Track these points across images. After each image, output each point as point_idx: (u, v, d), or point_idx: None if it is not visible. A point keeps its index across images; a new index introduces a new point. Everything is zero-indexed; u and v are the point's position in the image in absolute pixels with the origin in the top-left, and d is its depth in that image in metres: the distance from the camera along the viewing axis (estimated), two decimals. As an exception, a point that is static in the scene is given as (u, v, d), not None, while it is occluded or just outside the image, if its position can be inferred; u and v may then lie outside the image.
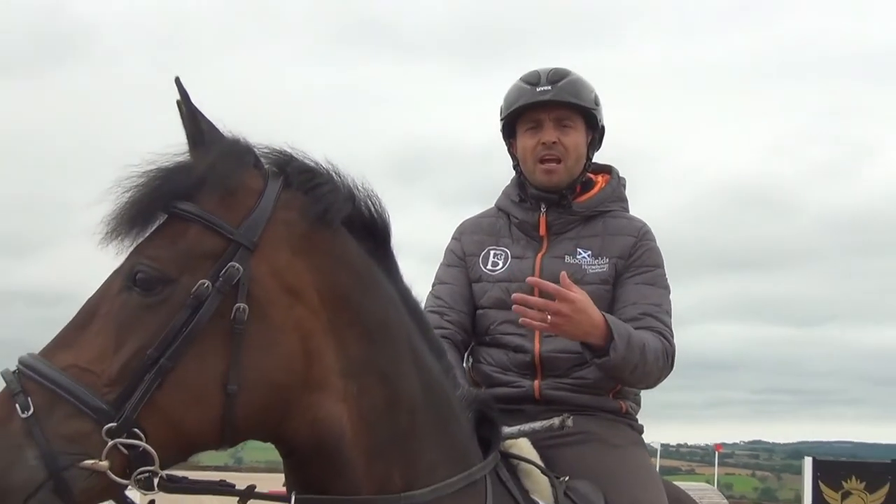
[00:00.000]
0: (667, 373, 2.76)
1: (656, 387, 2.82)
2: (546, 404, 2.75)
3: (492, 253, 2.96)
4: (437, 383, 2.18)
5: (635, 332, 2.60)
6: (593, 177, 3.06)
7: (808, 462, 10.23)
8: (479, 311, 2.94)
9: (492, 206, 3.12)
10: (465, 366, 2.88)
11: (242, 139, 1.98)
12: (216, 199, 1.88)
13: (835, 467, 10.36)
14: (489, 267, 2.94)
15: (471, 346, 2.98)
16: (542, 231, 2.94)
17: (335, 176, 2.06)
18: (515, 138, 3.01)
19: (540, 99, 2.89)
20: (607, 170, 3.10)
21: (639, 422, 2.95)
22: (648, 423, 3.02)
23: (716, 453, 30.52)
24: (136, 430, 1.72)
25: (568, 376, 2.80)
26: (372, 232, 2.13)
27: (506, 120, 3.01)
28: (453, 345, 2.71)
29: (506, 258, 2.93)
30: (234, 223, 1.87)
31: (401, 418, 2.05)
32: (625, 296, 2.82)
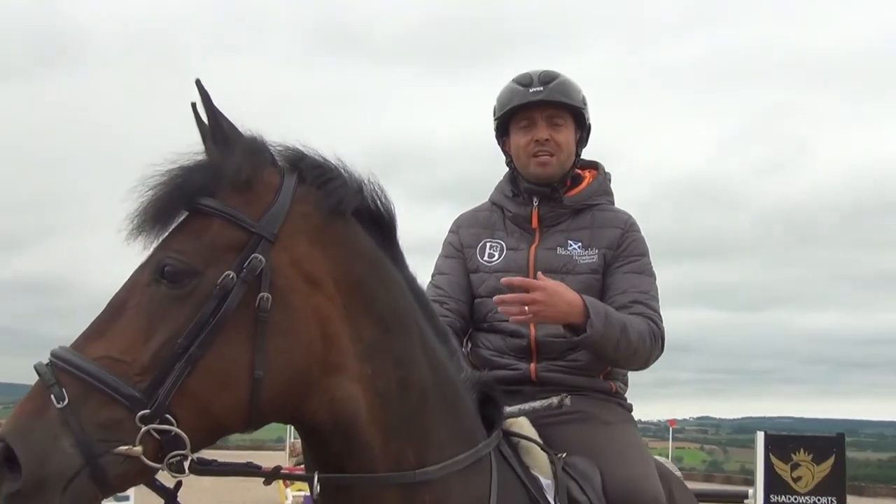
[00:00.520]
0: (657, 353, 2.79)
1: (648, 368, 2.84)
2: (542, 385, 2.77)
3: (488, 245, 2.97)
4: (444, 366, 2.19)
5: (615, 312, 2.64)
6: (581, 172, 3.08)
7: (760, 436, 10.24)
8: (477, 300, 2.96)
9: (486, 201, 3.13)
10: (464, 350, 2.87)
11: (260, 138, 1.98)
12: (237, 194, 1.89)
13: (784, 441, 10.37)
14: (485, 258, 2.95)
15: (469, 332, 2.99)
16: (534, 224, 2.96)
17: (344, 171, 2.07)
18: (509, 136, 3.02)
19: (533, 99, 2.91)
20: (594, 165, 3.14)
21: (627, 401, 2.99)
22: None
23: (669, 429, 30.84)
24: (168, 416, 1.72)
25: (562, 359, 2.83)
26: (379, 223, 2.14)
27: (500, 119, 3.02)
28: (453, 331, 2.69)
29: (501, 250, 2.95)
30: (255, 217, 1.87)
31: (412, 399, 2.06)
32: (615, 285, 2.84)
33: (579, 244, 2.88)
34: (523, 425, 2.49)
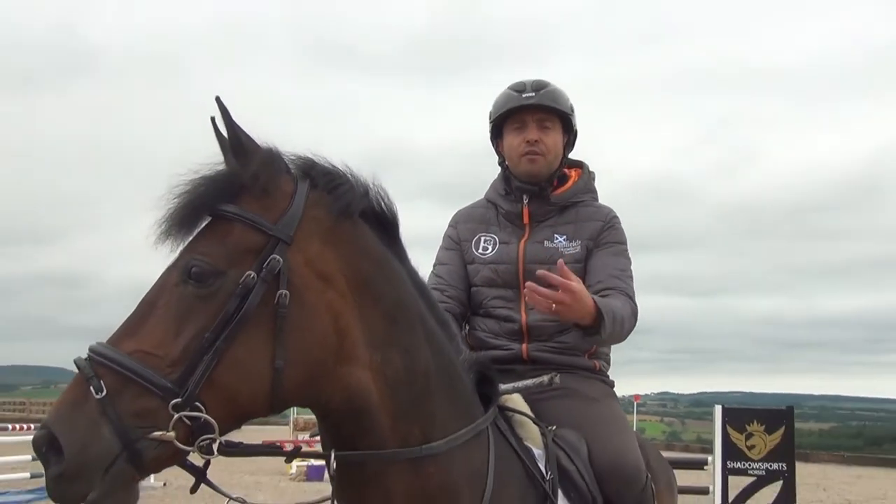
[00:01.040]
0: (632, 328, 2.80)
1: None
2: (532, 364, 2.79)
3: (482, 239, 2.98)
4: (445, 350, 2.19)
5: (616, 308, 2.61)
6: (567, 171, 3.08)
7: (718, 410, 10.31)
8: (474, 289, 2.97)
9: (482, 198, 3.14)
10: (462, 333, 2.89)
11: (275, 148, 1.99)
12: (256, 201, 1.90)
13: (739, 413, 10.44)
14: (480, 251, 2.96)
15: (467, 316, 2.99)
16: (525, 220, 2.97)
17: (352, 176, 2.07)
18: (502, 139, 3.03)
19: (525, 103, 2.92)
20: (579, 165, 3.14)
21: (610, 378, 3.00)
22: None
23: (634, 403, 31.02)
24: (198, 403, 1.74)
25: (551, 340, 2.85)
26: (383, 223, 2.14)
27: (495, 122, 3.03)
28: (452, 316, 2.72)
29: (494, 243, 2.95)
30: (272, 221, 1.88)
31: (418, 382, 2.07)
32: (595, 264, 2.87)
33: (564, 237, 2.89)
34: (517, 401, 2.50)
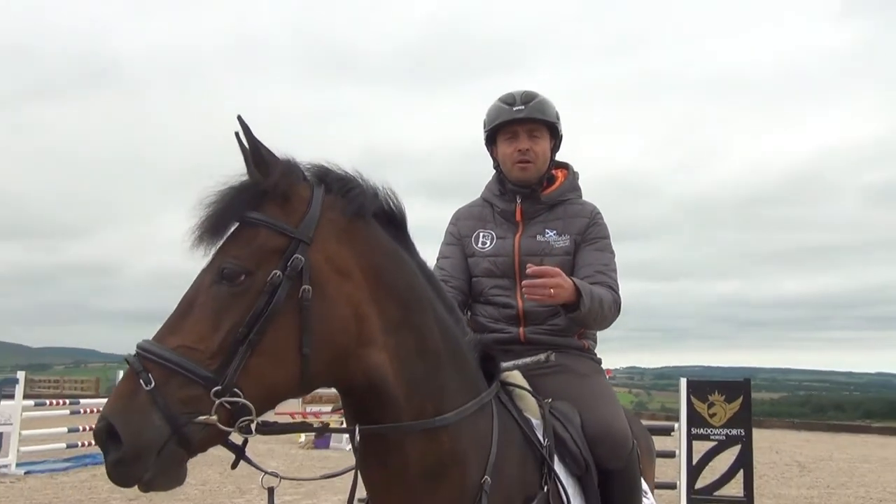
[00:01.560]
0: (616, 317, 2.83)
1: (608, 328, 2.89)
2: (528, 345, 2.81)
3: (481, 234, 3.00)
4: (452, 332, 2.21)
5: (594, 290, 2.66)
6: (555, 172, 3.10)
7: (683, 382, 10.37)
8: (474, 279, 2.99)
9: (478, 198, 3.14)
10: (465, 319, 2.87)
11: (293, 159, 2.01)
12: (278, 207, 1.92)
13: (702, 385, 10.49)
14: (479, 245, 2.98)
15: (468, 304, 3.01)
16: (518, 217, 2.99)
17: (363, 180, 2.09)
18: (496, 146, 3.04)
19: (516, 116, 2.93)
20: (565, 166, 3.15)
21: (597, 356, 3.01)
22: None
23: (606, 376, 31.03)
24: (237, 389, 1.77)
25: (544, 324, 2.87)
26: (393, 221, 2.16)
27: (489, 132, 3.03)
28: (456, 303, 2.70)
29: (492, 238, 2.97)
30: (293, 224, 1.91)
31: (429, 361, 2.09)
32: (582, 260, 2.88)
33: (554, 232, 2.91)
34: (517, 377, 2.52)
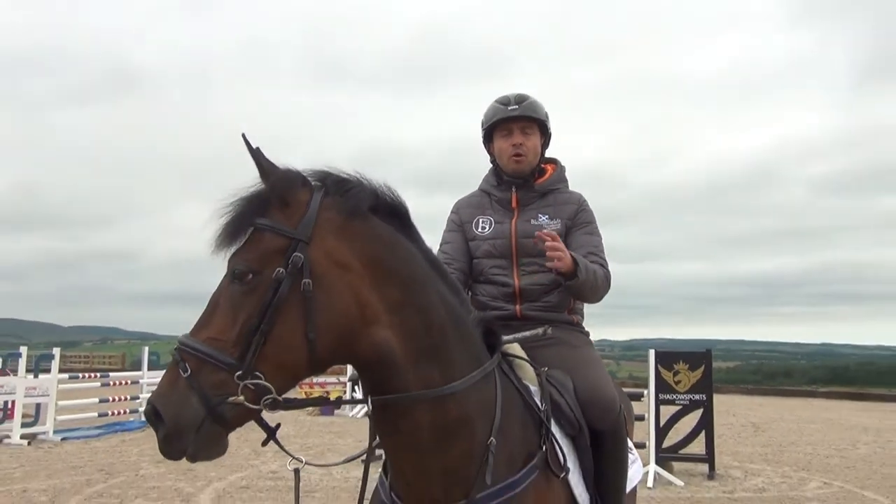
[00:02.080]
0: (607, 289, 2.85)
1: (600, 301, 2.90)
2: (524, 320, 2.81)
3: (480, 220, 2.99)
4: (456, 309, 2.20)
5: (589, 264, 2.71)
6: (545, 166, 3.10)
7: (651, 353, 10.43)
8: (475, 260, 2.98)
9: (476, 189, 3.14)
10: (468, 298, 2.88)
11: (292, 168, 2.02)
12: (279, 212, 1.95)
13: (669, 355, 10.55)
14: (479, 230, 2.98)
15: (469, 284, 2.99)
16: (513, 204, 2.99)
17: (362, 180, 2.09)
18: (493, 142, 3.05)
19: (511, 115, 2.95)
20: (553, 161, 3.15)
21: (585, 329, 3.02)
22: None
23: (594, 348, 31.15)
24: (257, 373, 1.82)
25: (539, 301, 2.87)
26: (396, 213, 2.15)
27: (487, 129, 3.04)
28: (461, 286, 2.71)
29: (491, 223, 2.97)
30: (292, 226, 1.93)
31: (434, 335, 2.09)
32: (575, 243, 2.88)
33: (546, 216, 2.91)
34: (516, 349, 2.52)
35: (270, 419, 1.97)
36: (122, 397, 16.05)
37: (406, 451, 2.09)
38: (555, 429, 2.35)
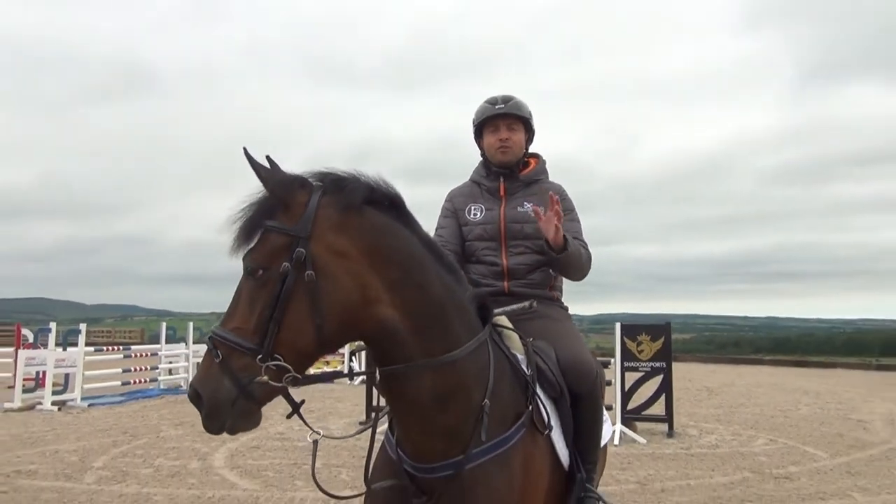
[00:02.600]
0: (589, 269, 2.86)
1: (583, 280, 2.90)
2: (512, 296, 2.82)
3: (472, 207, 3.00)
4: (452, 287, 2.21)
5: (575, 242, 2.74)
6: (528, 160, 3.11)
7: (617, 325, 10.48)
8: (467, 243, 2.99)
9: (467, 181, 3.13)
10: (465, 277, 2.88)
11: (289, 173, 2.03)
12: (282, 213, 1.97)
13: (633, 328, 10.61)
14: (471, 216, 2.98)
15: (462, 264, 2.96)
16: (501, 193, 3.00)
17: (358, 177, 2.09)
18: (482, 137, 3.05)
19: (498, 112, 2.97)
20: (536, 155, 3.16)
21: (565, 304, 3.03)
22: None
23: (573, 321, 31.24)
24: (277, 355, 1.86)
25: (524, 279, 2.89)
26: (392, 204, 2.15)
27: (477, 126, 3.05)
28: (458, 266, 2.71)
29: (482, 210, 2.98)
30: (293, 225, 1.95)
31: (434, 310, 2.10)
32: None
33: (531, 204, 2.89)
34: (505, 321, 2.52)
35: (296, 395, 2.01)
36: (142, 368, 16.01)
37: (411, 414, 2.11)
38: (539, 392, 2.37)
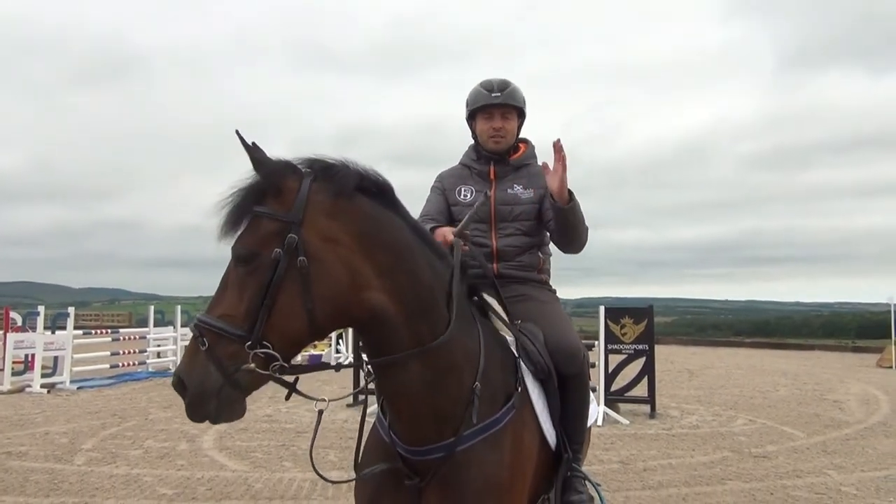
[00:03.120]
0: (586, 241, 2.78)
1: (581, 252, 2.84)
2: (501, 278, 2.79)
3: (462, 189, 2.96)
4: (442, 272, 2.19)
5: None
6: (519, 144, 3.07)
7: (601, 308, 10.52)
8: (457, 224, 2.90)
9: (457, 164, 3.10)
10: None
11: (282, 160, 1.98)
12: (274, 199, 1.92)
13: (616, 311, 10.67)
14: (461, 197, 2.95)
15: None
16: (491, 176, 2.96)
17: (348, 164, 2.05)
18: (475, 122, 3.00)
19: (494, 102, 2.91)
20: (525, 141, 3.12)
21: (552, 286, 3.02)
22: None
23: (560, 303, 31.41)
24: (265, 342, 1.81)
25: (513, 261, 2.86)
26: (381, 191, 2.11)
27: (470, 112, 3.00)
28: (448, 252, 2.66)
29: (472, 192, 2.94)
30: (285, 211, 1.90)
31: (423, 295, 2.07)
32: (548, 208, 2.81)
33: (521, 187, 2.89)
34: (494, 304, 2.51)
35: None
36: (131, 351, 15.96)
37: (402, 399, 2.09)
38: (527, 373, 2.37)
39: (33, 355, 12.80)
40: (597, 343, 10.15)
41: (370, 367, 2.08)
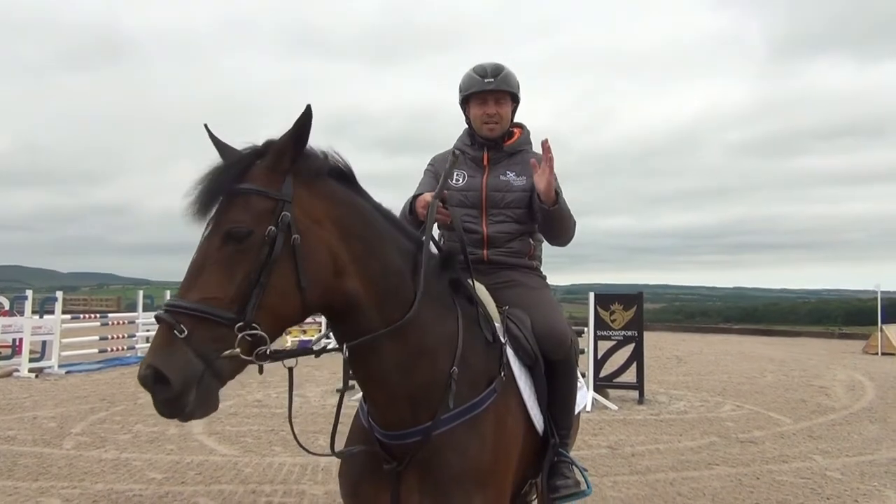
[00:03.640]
0: (574, 234, 2.81)
1: (568, 245, 2.86)
2: (490, 264, 2.79)
3: (454, 173, 2.93)
4: (413, 256, 2.18)
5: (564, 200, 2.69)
6: (513, 129, 3.05)
7: (591, 295, 10.57)
8: (449, 208, 2.88)
9: (450, 148, 3.05)
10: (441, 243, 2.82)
11: (246, 148, 1.96)
12: (262, 178, 1.89)
13: (606, 297, 10.72)
14: (453, 182, 2.91)
15: (441, 230, 2.91)
16: (485, 162, 2.94)
17: (314, 149, 2.01)
18: (469, 107, 2.98)
19: (487, 87, 2.88)
20: (520, 125, 3.09)
21: (542, 273, 3.01)
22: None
23: (550, 289, 31.48)
24: (254, 324, 1.77)
25: (503, 247, 2.84)
26: (344, 176, 2.10)
27: (463, 97, 2.97)
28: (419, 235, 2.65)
29: (464, 177, 2.92)
30: (276, 189, 1.88)
31: (392, 280, 2.07)
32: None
33: (514, 173, 2.88)
34: (482, 290, 2.50)
35: (268, 366, 1.90)
36: (119, 335, 15.93)
37: (376, 383, 2.09)
38: (513, 359, 2.37)
39: (21, 340, 12.74)
40: (586, 329, 10.20)
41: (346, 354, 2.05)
